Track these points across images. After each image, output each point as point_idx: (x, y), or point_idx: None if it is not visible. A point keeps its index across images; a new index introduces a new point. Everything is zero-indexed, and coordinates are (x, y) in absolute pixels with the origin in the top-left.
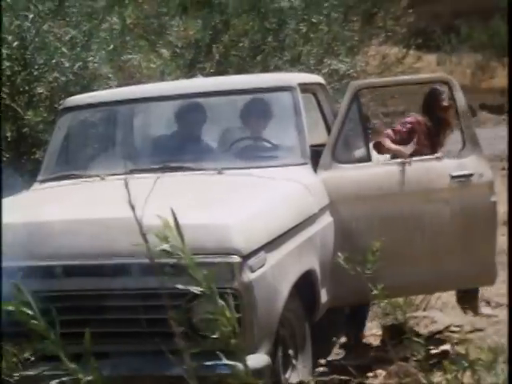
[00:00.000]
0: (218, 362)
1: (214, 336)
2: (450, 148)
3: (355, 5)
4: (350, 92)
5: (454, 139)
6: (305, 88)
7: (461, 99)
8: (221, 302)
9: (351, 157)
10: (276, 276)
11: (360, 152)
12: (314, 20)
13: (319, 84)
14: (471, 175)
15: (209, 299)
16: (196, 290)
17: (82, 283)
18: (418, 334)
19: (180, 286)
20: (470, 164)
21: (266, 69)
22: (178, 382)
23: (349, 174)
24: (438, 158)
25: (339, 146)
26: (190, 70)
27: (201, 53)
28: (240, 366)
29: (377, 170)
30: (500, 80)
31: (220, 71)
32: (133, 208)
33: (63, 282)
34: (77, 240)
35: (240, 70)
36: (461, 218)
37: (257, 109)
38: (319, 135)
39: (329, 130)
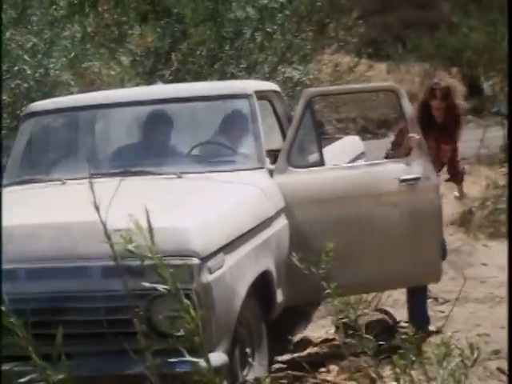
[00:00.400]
0: (179, 360)
1: (177, 334)
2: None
3: (308, 15)
4: (304, 99)
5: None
6: (261, 95)
7: (408, 107)
8: (186, 301)
9: (305, 161)
10: (234, 277)
11: (313, 157)
12: (268, 29)
13: (274, 91)
14: (418, 179)
15: (172, 298)
16: (161, 288)
17: (44, 286)
18: (369, 331)
19: (147, 285)
20: (417, 168)
21: (222, 76)
22: (139, 381)
23: (303, 178)
24: (386, 163)
25: (294, 151)
26: (149, 77)
27: (160, 60)
28: (202, 363)
29: (329, 174)
30: None
31: (178, 78)
32: (98, 211)
33: (26, 285)
34: (39, 243)
35: (198, 78)
36: (408, 219)
37: (215, 115)
38: (275, 141)
39: (284, 135)
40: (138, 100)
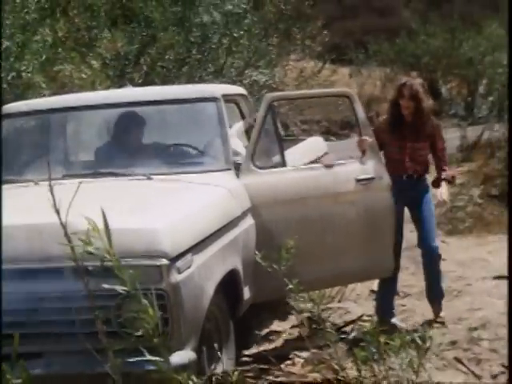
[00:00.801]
0: (142, 359)
1: (139, 334)
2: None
3: (275, 22)
4: (265, 103)
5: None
6: (228, 99)
7: (360, 111)
8: (144, 301)
9: (268, 163)
10: (202, 276)
11: (276, 158)
12: (235, 35)
13: (241, 95)
14: (373, 178)
15: (134, 299)
16: (121, 290)
17: (15, 287)
18: (333, 324)
19: (107, 287)
20: (372, 168)
21: (190, 80)
22: (107, 379)
23: (266, 179)
24: (343, 164)
25: (258, 152)
26: (119, 81)
27: (129, 64)
28: (164, 362)
29: (292, 175)
30: None
31: (148, 82)
32: (58, 213)
33: None
34: (11, 245)
35: (166, 81)
36: (364, 217)
37: (184, 118)
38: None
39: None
40: (108, 103)
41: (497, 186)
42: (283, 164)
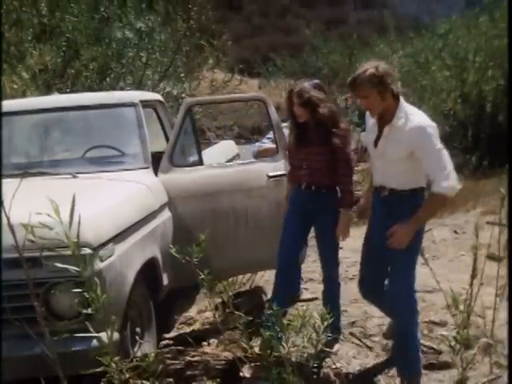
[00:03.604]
0: (73, 339)
1: (74, 317)
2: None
3: (187, 37)
4: (184, 107)
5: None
6: (146, 104)
7: (274, 114)
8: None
9: (186, 161)
10: (123, 264)
11: (193, 157)
12: (150, 50)
13: (159, 101)
14: (283, 175)
15: (65, 285)
16: (74, 270)
17: None
18: (243, 308)
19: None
20: (283, 166)
21: (113, 90)
22: (41, 360)
23: (184, 176)
24: (256, 162)
25: (176, 152)
26: (47, 91)
27: (56, 75)
28: (94, 341)
29: (207, 172)
30: None
31: (73, 91)
32: (2, 206)
33: None
34: None
35: (90, 91)
36: (275, 211)
37: (105, 121)
38: (159, 143)
39: (167, 139)
40: (38, 108)
41: None
42: (200, 163)
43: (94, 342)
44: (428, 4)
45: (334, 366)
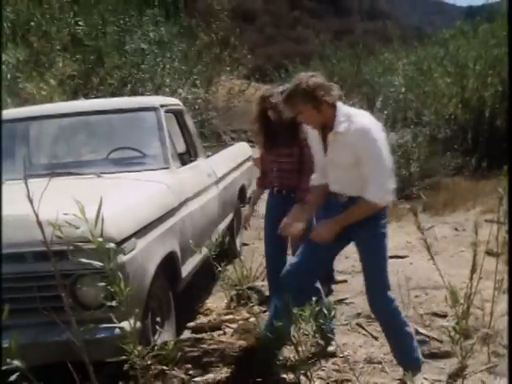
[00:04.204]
0: (99, 327)
1: (97, 306)
2: None
3: (206, 47)
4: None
5: None
6: (167, 109)
7: None
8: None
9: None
10: (144, 257)
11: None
12: (168, 59)
13: (178, 105)
14: None
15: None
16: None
17: None
18: (257, 300)
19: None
20: None
21: (134, 96)
22: (66, 346)
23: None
24: None
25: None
26: (74, 96)
27: (83, 82)
28: (117, 330)
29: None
30: None
31: (98, 97)
32: (31, 203)
33: None
34: None
35: (114, 96)
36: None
37: (128, 125)
38: (180, 145)
39: (186, 142)
40: (64, 112)
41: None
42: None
43: (117, 331)
44: (429, 15)
45: (341, 355)
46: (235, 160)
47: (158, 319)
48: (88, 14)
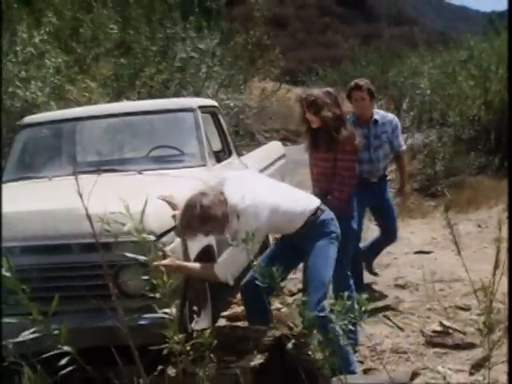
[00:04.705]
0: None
1: (139, 295)
2: None
3: (242, 53)
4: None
5: None
6: (204, 110)
7: None
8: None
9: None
10: (182, 250)
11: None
12: (210, 64)
13: (214, 107)
14: None
15: (135, 268)
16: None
17: (36, 260)
18: (288, 291)
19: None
20: None
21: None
22: (109, 331)
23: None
24: None
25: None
26: (117, 98)
27: (126, 85)
28: (157, 318)
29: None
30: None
31: (141, 99)
32: (81, 198)
33: (21, 259)
34: (31, 226)
35: (156, 99)
36: None
37: (168, 124)
38: (216, 144)
39: (221, 140)
40: (107, 113)
41: (417, 181)
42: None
43: (158, 318)
44: (454, 21)
45: (368, 345)
46: (268, 158)
47: (195, 308)
48: (135, 20)
